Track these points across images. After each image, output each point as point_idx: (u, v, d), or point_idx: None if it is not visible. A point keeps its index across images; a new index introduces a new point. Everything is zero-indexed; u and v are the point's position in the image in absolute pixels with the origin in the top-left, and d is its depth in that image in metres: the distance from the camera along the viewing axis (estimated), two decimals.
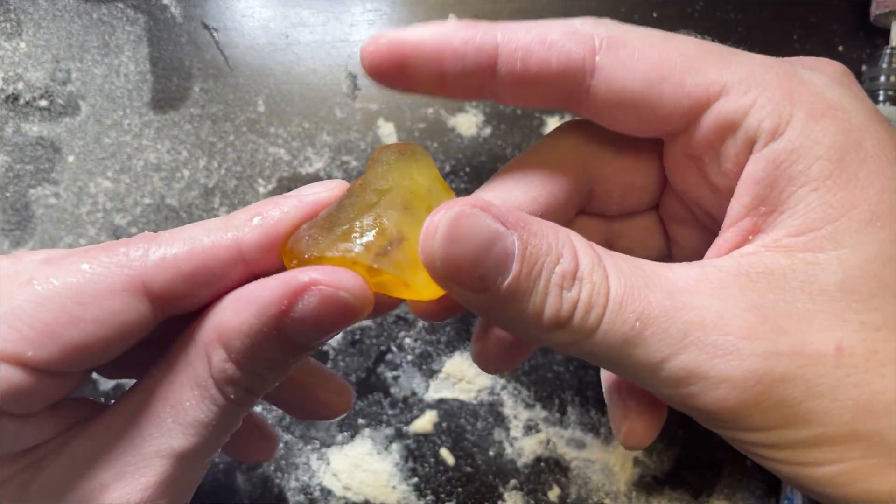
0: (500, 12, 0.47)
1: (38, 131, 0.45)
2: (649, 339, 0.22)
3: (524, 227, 0.22)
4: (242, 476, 0.42)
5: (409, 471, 0.43)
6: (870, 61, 0.45)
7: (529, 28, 0.24)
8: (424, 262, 0.22)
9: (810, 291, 0.22)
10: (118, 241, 0.24)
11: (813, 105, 0.23)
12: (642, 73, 0.24)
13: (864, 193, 0.22)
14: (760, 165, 0.23)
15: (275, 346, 0.23)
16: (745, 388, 0.21)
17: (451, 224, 0.21)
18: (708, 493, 0.42)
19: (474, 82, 0.25)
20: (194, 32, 0.47)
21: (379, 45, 0.24)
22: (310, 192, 0.25)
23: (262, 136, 0.46)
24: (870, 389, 0.21)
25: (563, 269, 0.22)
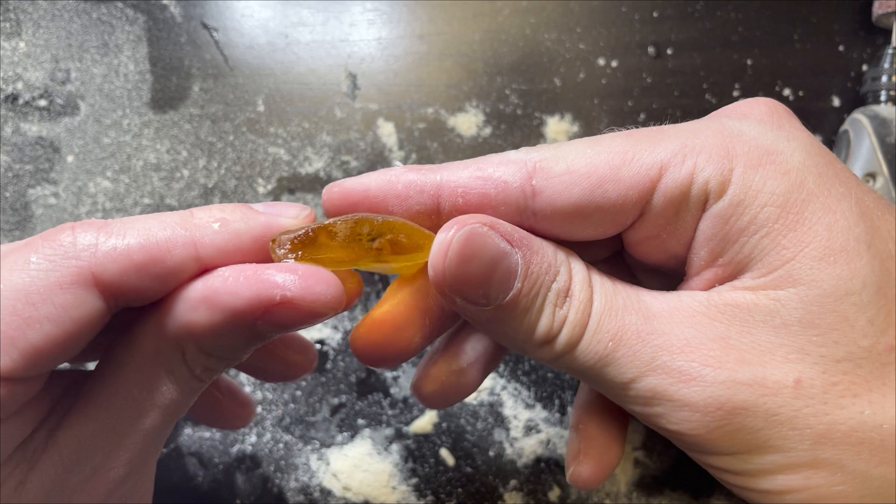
0: (499, 11, 0.47)
1: (37, 131, 0.45)
2: (620, 360, 0.23)
3: (528, 246, 0.24)
4: (242, 476, 0.42)
5: (409, 471, 0.42)
6: (871, 61, 0.45)
7: (467, 165, 0.26)
8: (434, 277, 0.23)
9: (773, 325, 0.23)
10: (63, 227, 0.24)
11: (749, 155, 0.23)
12: (580, 184, 0.24)
13: (813, 231, 0.23)
14: (710, 223, 0.24)
15: (244, 339, 0.24)
16: (706, 412, 0.22)
17: (463, 242, 0.23)
18: (708, 494, 0.42)
19: (423, 221, 0.26)
20: (194, 32, 0.47)
21: (332, 194, 0.26)
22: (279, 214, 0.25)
23: (261, 136, 0.46)
24: (828, 419, 0.22)
25: (559, 286, 0.24)
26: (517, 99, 0.46)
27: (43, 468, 0.24)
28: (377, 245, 0.24)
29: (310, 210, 0.26)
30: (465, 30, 0.46)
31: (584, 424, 0.31)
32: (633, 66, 0.46)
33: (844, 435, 0.22)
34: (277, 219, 0.25)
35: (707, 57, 0.46)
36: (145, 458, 0.26)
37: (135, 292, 0.24)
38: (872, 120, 0.41)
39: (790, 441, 0.22)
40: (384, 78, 0.46)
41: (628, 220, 0.25)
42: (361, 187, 0.26)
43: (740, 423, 0.22)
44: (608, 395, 0.25)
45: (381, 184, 0.26)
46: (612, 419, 0.30)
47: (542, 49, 0.46)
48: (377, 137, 0.46)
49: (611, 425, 0.30)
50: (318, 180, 0.45)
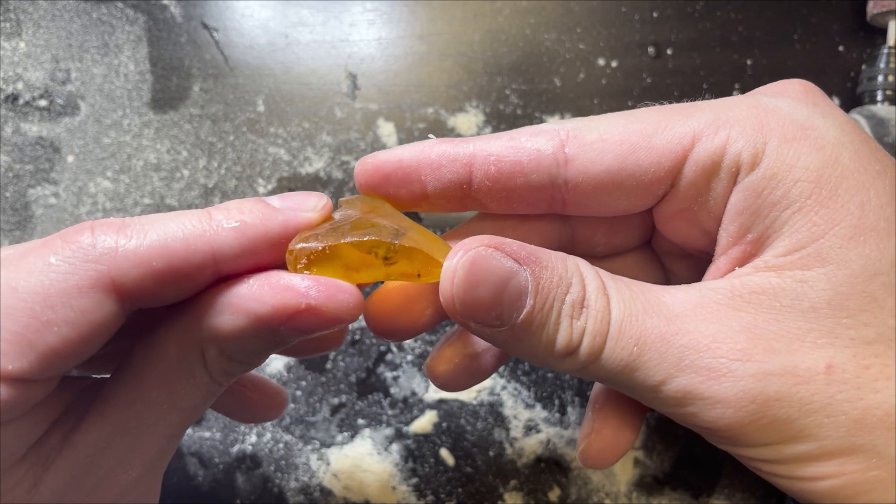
0: (499, 11, 0.47)
1: (37, 131, 0.45)
2: (647, 364, 0.23)
3: (536, 262, 0.23)
4: (242, 476, 0.42)
5: (409, 471, 0.42)
6: (869, 61, 0.46)
7: (500, 136, 0.26)
8: (445, 305, 0.23)
9: (801, 309, 0.22)
10: (82, 227, 0.23)
11: (784, 129, 0.23)
12: (613, 150, 0.24)
13: (846, 209, 0.22)
14: (741, 196, 0.24)
15: (266, 343, 0.24)
16: (739, 407, 0.22)
17: (469, 268, 0.23)
18: (708, 493, 0.42)
19: (455, 192, 0.26)
20: (194, 32, 0.47)
21: (366, 166, 0.27)
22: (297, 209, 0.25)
23: (261, 136, 0.46)
24: (863, 404, 0.21)
25: (573, 298, 0.23)
26: (517, 99, 0.46)
27: (57, 470, 0.24)
28: (390, 262, 0.24)
29: (326, 200, 0.26)
30: (465, 30, 0.47)
31: (601, 404, 0.30)
32: (633, 66, 0.46)
33: (879, 419, 0.21)
34: (296, 215, 0.25)
35: (707, 57, 0.46)
36: (159, 461, 0.26)
37: (152, 297, 0.24)
38: (870, 120, 0.41)
39: (825, 429, 0.22)
40: (384, 78, 0.46)
41: (660, 190, 0.25)
42: (395, 158, 0.26)
43: (774, 414, 0.22)
44: (641, 399, 0.25)
45: (414, 154, 0.26)
46: (629, 402, 0.30)
47: (542, 49, 0.46)
48: (377, 137, 0.46)
49: (628, 408, 0.30)
50: (318, 180, 0.45)
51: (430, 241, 0.25)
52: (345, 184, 0.45)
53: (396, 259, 0.24)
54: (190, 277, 0.24)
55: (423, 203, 0.27)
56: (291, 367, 0.44)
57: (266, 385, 0.35)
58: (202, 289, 0.25)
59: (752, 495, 0.42)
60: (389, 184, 0.26)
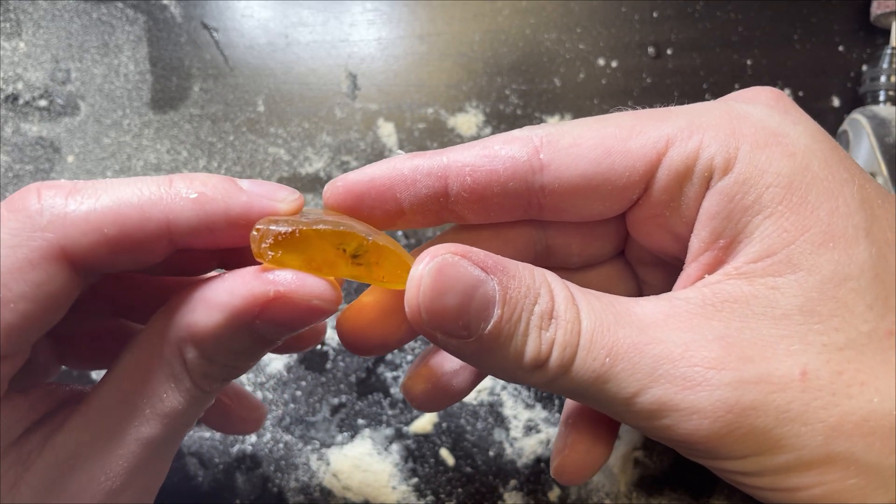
0: (499, 11, 0.47)
1: (37, 131, 0.45)
2: (620, 375, 0.22)
3: (503, 271, 0.23)
4: (242, 476, 0.42)
5: (409, 471, 0.42)
6: (870, 61, 0.45)
7: (472, 145, 0.25)
8: (410, 314, 0.23)
9: (773, 316, 0.22)
10: (28, 190, 0.22)
11: (756, 135, 0.23)
12: (587, 155, 0.24)
13: (815, 215, 0.22)
14: (714, 200, 0.24)
15: (246, 342, 0.24)
16: (716, 417, 0.22)
17: (435, 275, 0.22)
18: (708, 494, 0.42)
19: (431, 207, 0.26)
20: (194, 32, 0.47)
21: (336, 190, 0.26)
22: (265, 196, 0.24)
23: (261, 136, 0.46)
24: (838, 411, 0.21)
25: (542, 308, 0.23)
26: (517, 99, 0.46)
27: (38, 471, 0.23)
28: (358, 262, 0.24)
29: (298, 195, 0.25)
30: (465, 30, 0.47)
31: (574, 419, 0.30)
32: (633, 66, 0.46)
33: (856, 426, 0.21)
34: (261, 201, 0.24)
35: (707, 57, 0.46)
36: (147, 470, 0.25)
37: (107, 264, 0.23)
38: (871, 120, 0.41)
39: (803, 438, 0.21)
40: (384, 78, 0.46)
41: (634, 194, 0.25)
42: (366, 178, 0.25)
43: (751, 424, 0.22)
44: (611, 413, 0.24)
45: (386, 171, 0.25)
46: (603, 417, 0.30)
47: (542, 49, 0.46)
48: (377, 137, 0.46)
49: (601, 423, 0.30)
50: (318, 180, 0.45)
51: (399, 248, 0.24)
52: None
53: (365, 259, 0.24)
54: (144, 247, 0.23)
55: (399, 220, 0.26)
56: (291, 367, 0.44)
57: (247, 398, 0.35)
58: (159, 260, 0.24)
59: (757, 500, 0.42)
60: (363, 204, 0.26)
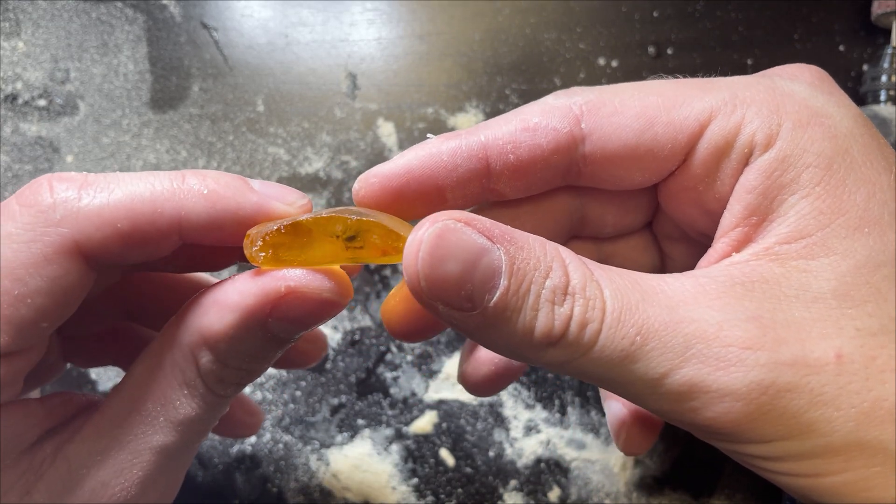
0: (499, 11, 0.47)
1: (36, 131, 0.45)
2: (650, 354, 0.21)
3: (511, 241, 0.21)
4: (242, 476, 0.42)
5: (409, 471, 0.42)
6: (871, 61, 0.45)
7: (508, 120, 0.24)
8: (409, 282, 0.22)
9: (805, 300, 0.22)
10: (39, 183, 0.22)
11: (799, 114, 0.23)
12: (631, 125, 0.24)
13: (852, 199, 0.22)
14: (752, 175, 0.23)
15: (259, 343, 0.23)
16: (749, 399, 0.21)
17: (434, 241, 0.21)
18: (708, 494, 0.42)
19: (474, 188, 0.25)
20: (193, 32, 0.47)
21: (371, 186, 0.25)
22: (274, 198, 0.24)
23: (261, 136, 0.46)
24: (871, 396, 0.21)
25: (554, 283, 0.21)
26: (517, 99, 0.46)
27: (50, 479, 0.23)
28: (354, 244, 0.23)
29: (307, 200, 0.25)
30: (465, 30, 0.46)
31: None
32: (633, 66, 0.46)
33: (887, 413, 0.21)
34: (271, 203, 0.24)
35: (707, 57, 0.46)
36: (163, 478, 0.25)
37: (118, 257, 0.23)
38: (872, 120, 0.41)
39: (834, 423, 0.21)
40: (384, 78, 0.46)
41: (673, 165, 0.25)
42: (402, 169, 0.24)
43: (784, 406, 0.21)
44: (629, 395, 0.23)
45: (425, 160, 0.24)
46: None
47: (542, 49, 0.46)
48: (377, 137, 0.46)
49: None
50: (317, 180, 0.45)
51: (395, 222, 0.24)
52: (344, 184, 0.45)
53: (359, 240, 0.23)
54: (155, 241, 0.23)
55: (441, 207, 0.25)
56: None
57: (246, 402, 0.35)
58: (167, 254, 0.24)
59: (752, 495, 0.42)
60: (403, 199, 0.24)
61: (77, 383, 0.43)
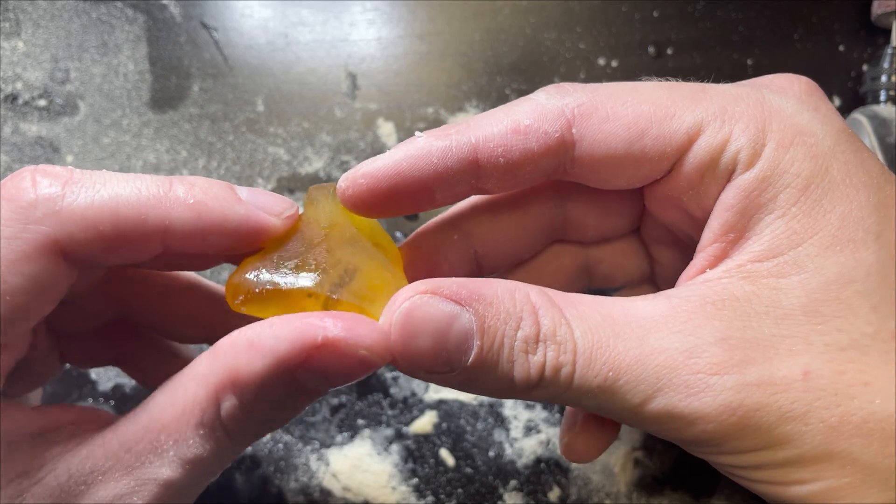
0: (499, 11, 0.47)
1: (36, 131, 0.45)
2: (624, 388, 0.22)
3: (479, 300, 0.22)
4: (242, 477, 0.42)
5: (409, 471, 0.42)
6: (871, 61, 0.45)
7: (499, 119, 0.24)
8: (391, 360, 0.22)
9: (775, 316, 0.22)
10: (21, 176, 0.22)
11: (783, 133, 0.23)
12: (621, 134, 0.24)
13: (826, 218, 0.22)
14: (732, 194, 0.24)
15: (287, 393, 0.22)
16: (720, 421, 0.22)
17: (403, 321, 0.22)
18: (708, 494, 0.42)
19: (462, 187, 0.25)
20: (193, 32, 0.47)
21: (358, 185, 0.24)
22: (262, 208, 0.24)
23: (261, 136, 0.46)
24: (839, 412, 0.21)
25: (525, 333, 0.22)
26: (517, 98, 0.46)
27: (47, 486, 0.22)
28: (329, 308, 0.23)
29: (295, 209, 0.24)
30: (465, 30, 0.46)
31: None
32: (633, 66, 0.46)
33: (856, 427, 0.21)
34: (258, 215, 0.23)
35: (707, 57, 0.46)
36: None
37: (99, 259, 0.23)
38: (872, 120, 0.41)
39: (804, 436, 0.22)
40: (384, 78, 0.46)
41: (659, 174, 0.25)
42: (392, 170, 0.24)
43: (755, 423, 0.22)
44: (620, 419, 0.24)
45: (414, 160, 0.24)
46: None
47: (542, 49, 0.46)
48: (377, 137, 0.46)
49: None
50: (317, 180, 0.45)
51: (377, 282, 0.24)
52: None
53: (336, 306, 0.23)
54: (137, 245, 0.22)
55: (428, 206, 0.25)
56: None
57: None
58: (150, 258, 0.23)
59: (752, 496, 0.42)
60: (390, 199, 0.24)
61: (77, 383, 0.43)
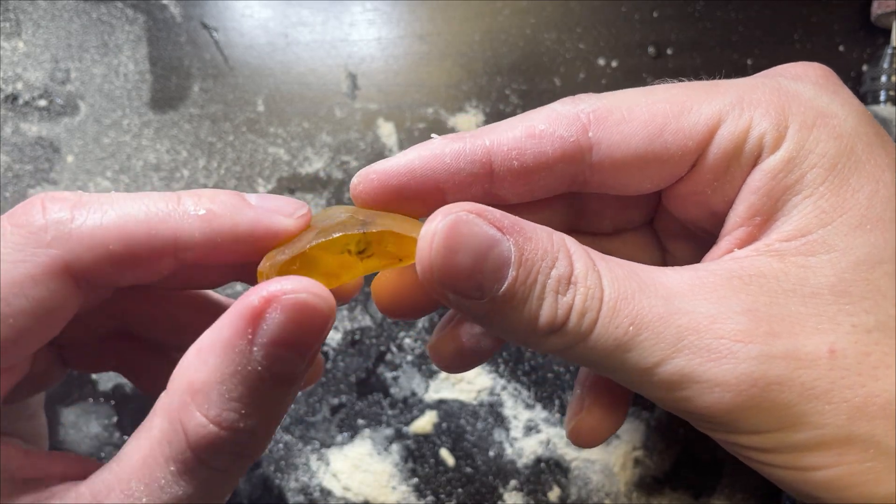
0: (499, 11, 0.47)
1: (37, 131, 0.45)
2: (643, 344, 0.22)
3: (520, 232, 0.22)
4: (242, 476, 0.42)
5: (409, 471, 0.42)
6: (871, 61, 0.45)
7: (514, 125, 0.24)
8: (422, 272, 0.22)
9: (802, 294, 0.22)
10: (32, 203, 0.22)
11: (805, 115, 0.23)
12: (640, 132, 0.24)
13: (855, 198, 0.22)
14: (758, 177, 0.23)
15: (255, 385, 0.20)
16: (739, 391, 0.21)
17: (447, 232, 0.21)
18: (708, 494, 0.42)
19: (475, 191, 0.25)
20: (193, 32, 0.47)
21: (370, 182, 0.24)
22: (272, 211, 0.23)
23: (261, 136, 0.46)
24: (864, 392, 0.21)
25: (559, 273, 0.22)
26: (517, 99, 0.46)
27: None
28: (367, 255, 0.23)
29: (306, 210, 0.24)
30: (465, 30, 0.46)
31: (591, 382, 0.30)
32: (633, 66, 0.46)
33: (880, 408, 0.21)
34: (269, 216, 0.23)
35: (707, 57, 0.46)
36: None
37: (110, 280, 0.22)
38: None
39: (826, 416, 0.21)
40: (384, 78, 0.46)
41: (683, 170, 0.25)
42: (404, 168, 0.24)
43: (774, 398, 0.21)
44: (626, 382, 0.23)
45: (427, 160, 0.24)
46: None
47: (542, 49, 0.46)
48: (377, 137, 0.46)
49: (618, 387, 0.29)
50: (317, 180, 0.45)
51: (403, 223, 0.23)
52: (344, 184, 0.45)
53: (371, 250, 0.23)
54: (149, 264, 0.22)
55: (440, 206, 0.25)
56: None
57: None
58: (164, 275, 0.23)
59: (753, 496, 0.42)
60: (402, 197, 0.24)
61: (77, 384, 0.43)
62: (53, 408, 0.43)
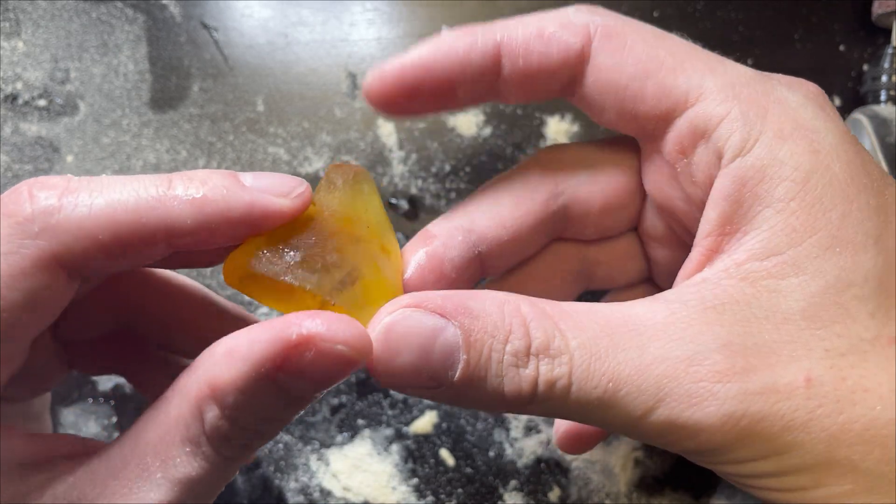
0: (500, 11, 0.47)
1: (36, 131, 0.45)
2: (624, 399, 0.22)
3: (465, 313, 0.21)
4: (242, 477, 0.42)
5: (409, 471, 0.42)
6: (871, 61, 0.45)
7: (526, 23, 0.25)
8: (373, 375, 0.22)
9: (775, 321, 0.22)
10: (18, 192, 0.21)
11: (783, 124, 0.23)
12: (630, 68, 0.24)
13: (826, 217, 0.22)
14: (727, 181, 0.23)
15: (271, 400, 0.21)
16: (724, 431, 0.21)
17: (384, 337, 0.21)
18: (708, 494, 0.42)
19: (482, 87, 0.25)
20: (193, 32, 0.47)
21: (385, 79, 0.24)
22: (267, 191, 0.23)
23: (261, 136, 0.46)
24: (842, 419, 0.21)
25: (514, 347, 0.22)
26: None
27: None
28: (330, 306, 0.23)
29: (305, 188, 0.23)
30: None
31: None
32: None
33: (857, 434, 0.21)
34: (265, 198, 0.23)
35: None
36: None
37: (100, 268, 0.22)
38: (872, 120, 0.41)
39: (805, 445, 0.21)
40: None
41: (649, 126, 0.25)
42: (420, 63, 0.24)
43: (758, 432, 0.21)
44: (620, 432, 0.24)
45: (441, 54, 0.24)
46: None
47: None
48: (377, 137, 0.46)
49: None
50: (318, 180, 0.45)
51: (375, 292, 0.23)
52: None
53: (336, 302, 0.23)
54: (140, 250, 0.22)
55: (449, 104, 0.26)
56: None
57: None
58: (156, 260, 0.23)
59: (752, 496, 0.42)
60: (416, 95, 0.25)
61: (77, 384, 0.43)
62: (53, 408, 0.43)
